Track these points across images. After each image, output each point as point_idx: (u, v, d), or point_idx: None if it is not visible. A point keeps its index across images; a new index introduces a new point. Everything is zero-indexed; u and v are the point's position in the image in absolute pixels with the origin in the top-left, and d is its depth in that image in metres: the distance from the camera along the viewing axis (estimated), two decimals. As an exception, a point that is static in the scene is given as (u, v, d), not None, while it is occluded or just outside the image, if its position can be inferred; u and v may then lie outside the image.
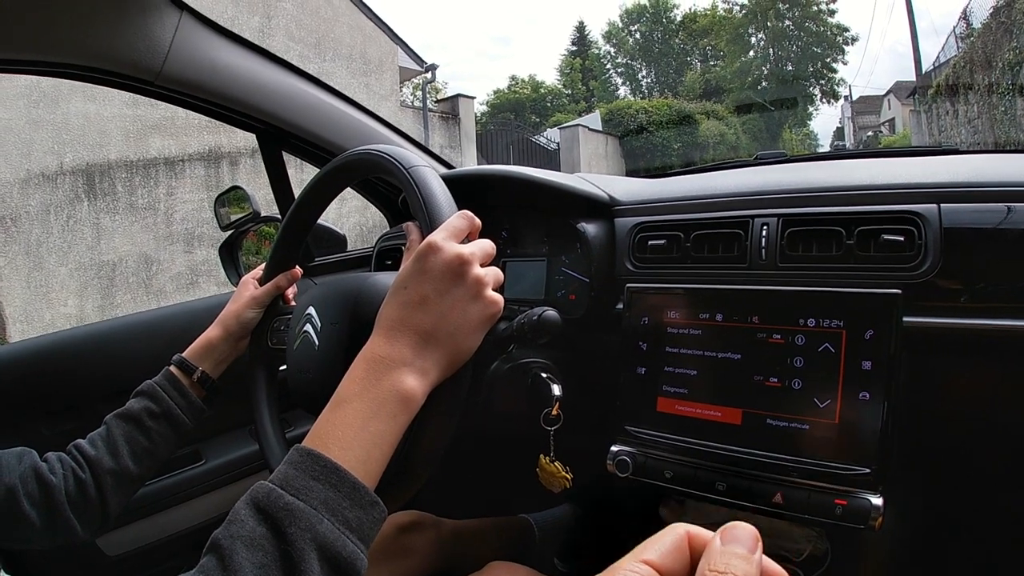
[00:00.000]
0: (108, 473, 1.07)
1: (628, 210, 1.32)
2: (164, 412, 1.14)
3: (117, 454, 1.09)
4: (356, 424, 0.70)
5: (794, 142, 35.39)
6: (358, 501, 0.66)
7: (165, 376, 1.18)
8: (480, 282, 0.79)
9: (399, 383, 0.73)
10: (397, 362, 0.74)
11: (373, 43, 12.66)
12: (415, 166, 0.90)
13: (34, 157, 8.55)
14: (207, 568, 0.60)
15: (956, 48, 14.52)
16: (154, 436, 1.13)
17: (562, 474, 1.13)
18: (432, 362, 0.76)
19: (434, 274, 0.77)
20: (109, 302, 9.10)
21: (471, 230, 0.84)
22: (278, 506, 0.62)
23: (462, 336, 0.78)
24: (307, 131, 1.65)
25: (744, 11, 36.62)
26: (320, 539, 0.61)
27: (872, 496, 0.93)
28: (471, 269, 0.78)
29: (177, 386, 1.17)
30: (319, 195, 1.15)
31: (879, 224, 1.04)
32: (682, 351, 1.12)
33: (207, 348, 1.22)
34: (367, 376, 0.74)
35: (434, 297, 0.77)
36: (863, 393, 0.96)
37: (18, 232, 8.44)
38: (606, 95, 39.47)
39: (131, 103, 8.37)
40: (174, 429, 1.16)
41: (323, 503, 0.64)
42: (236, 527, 0.61)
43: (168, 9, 1.36)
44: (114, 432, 1.11)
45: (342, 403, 0.72)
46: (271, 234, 1.83)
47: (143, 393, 1.16)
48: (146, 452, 1.12)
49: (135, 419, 1.13)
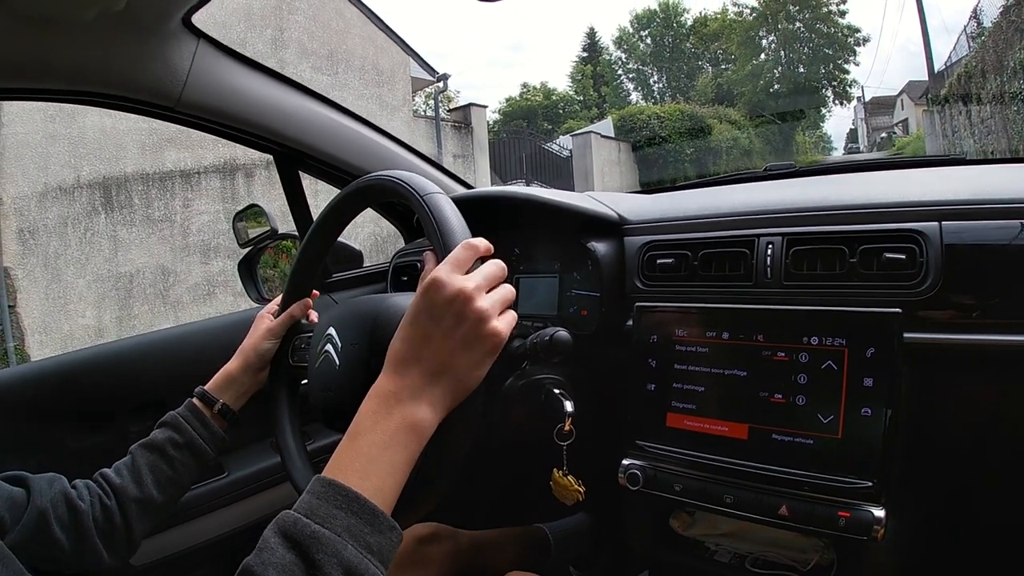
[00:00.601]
0: (133, 501, 1.11)
1: (637, 229, 1.35)
2: (187, 442, 1.17)
3: (141, 482, 1.12)
4: (371, 454, 0.74)
5: (807, 145, 35.12)
6: (378, 527, 0.70)
7: (188, 407, 1.21)
8: (481, 317, 0.81)
9: (410, 415, 0.77)
10: (406, 396, 0.78)
11: (385, 54, 12.69)
12: (429, 193, 0.93)
13: (51, 170, 8.62)
14: None
15: (968, 47, 14.38)
16: (177, 465, 1.16)
17: (575, 487, 1.17)
18: (439, 394, 0.79)
19: (436, 311, 0.80)
20: (127, 313, 9.17)
21: (478, 255, 0.86)
22: (305, 534, 0.65)
23: (467, 369, 0.81)
24: (323, 152, 1.69)
25: (754, 14, 36.42)
26: (346, 564, 0.65)
27: (874, 508, 0.96)
28: (473, 304, 0.81)
29: (199, 417, 1.20)
30: (337, 218, 1.18)
31: (881, 242, 1.07)
32: (690, 368, 1.16)
33: (228, 380, 1.25)
34: (378, 410, 0.77)
35: (438, 336, 0.80)
36: (865, 409, 0.98)
37: (36, 244, 8.52)
38: (618, 101, 39.31)
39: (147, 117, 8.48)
40: (196, 459, 1.19)
41: (346, 530, 0.67)
42: (267, 555, 0.65)
43: (186, 37, 1.40)
44: (139, 461, 1.14)
45: (357, 435, 0.76)
46: (288, 248, 1.87)
47: (167, 424, 1.19)
48: (170, 481, 1.15)
49: (159, 449, 1.16)
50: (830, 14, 34.98)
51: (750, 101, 33.16)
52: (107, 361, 1.56)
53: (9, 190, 8.25)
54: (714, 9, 39.88)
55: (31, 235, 8.48)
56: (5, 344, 8.11)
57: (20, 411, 1.41)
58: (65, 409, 1.44)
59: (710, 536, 1.23)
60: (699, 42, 39.76)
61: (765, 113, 28.94)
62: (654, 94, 41.28)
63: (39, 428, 1.39)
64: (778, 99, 33.96)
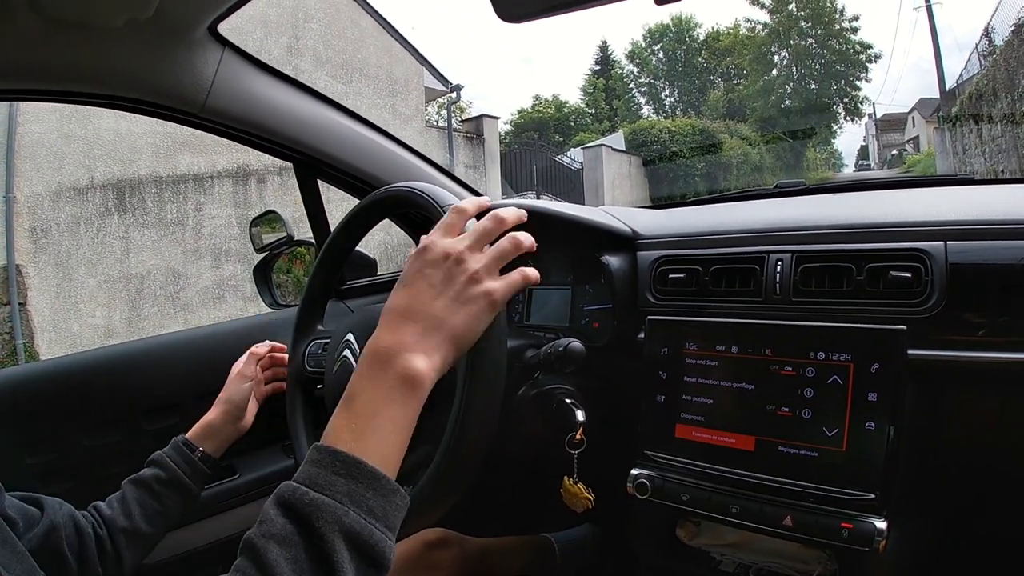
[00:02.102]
0: (121, 531, 1.15)
1: (650, 244, 1.38)
2: (171, 479, 1.22)
3: (130, 515, 1.16)
4: (367, 413, 0.72)
5: (818, 161, 35.05)
6: (380, 490, 0.68)
7: (173, 447, 1.26)
8: (472, 277, 0.80)
9: (405, 366, 0.74)
10: (401, 348, 0.75)
11: (399, 64, 12.74)
12: (448, 204, 0.96)
13: (65, 171, 8.68)
14: (242, 568, 0.62)
15: (979, 65, 14.36)
16: (164, 500, 1.21)
17: (585, 495, 1.19)
18: (435, 344, 0.77)
19: (428, 272, 0.80)
20: (136, 314, 9.21)
21: (467, 217, 0.87)
22: (304, 503, 0.64)
23: (463, 321, 0.79)
24: (342, 161, 1.71)
25: (767, 30, 36.48)
26: (347, 530, 0.64)
27: (877, 520, 0.98)
28: (462, 264, 0.81)
29: (184, 457, 1.25)
30: (360, 222, 1.22)
31: (888, 261, 1.09)
32: (699, 380, 1.18)
33: (208, 431, 1.30)
34: (372, 367, 0.75)
35: (430, 287, 0.79)
36: (869, 423, 1.01)
37: (48, 243, 8.57)
38: (629, 115, 39.32)
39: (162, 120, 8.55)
40: (182, 494, 1.23)
41: (347, 495, 0.65)
42: (267, 526, 0.64)
43: (212, 45, 1.43)
44: (128, 496, 1.19)
45: (353, 397, 0.74)
46: (302, 255, 1.90)
47: (153, 462, 1.24)
48: (158, 514, 1.20)
49: (146, 484, 1.21)
50: (842, 31, 35.03)
51: (761, 116, 33.11)
52: (121, 362, 1.58)
53: (23, 188, 8.30)
54: (726, 24, 39.85)
55: (44, 234, 8.54)
56: (14, 341, 8.16)
57: (37, 408, 1.43)
58: (81, 407, 1.46)
59: (715, 546, 1.25)
60: (711, 57, 39.82)
61: (775, 131, 28.86)
62: (666, 108, 41.34)
63: (56, 425, 1.42)
64: (789, 115, 33.94)
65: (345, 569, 0.63)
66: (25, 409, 1.42)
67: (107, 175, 9.03)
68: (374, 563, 0.65)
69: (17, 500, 1.02)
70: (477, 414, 0.84)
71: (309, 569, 0.62)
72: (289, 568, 0.61)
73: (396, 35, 12.82)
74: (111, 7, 1.17)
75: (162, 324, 9.24)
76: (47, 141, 8.49)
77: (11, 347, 8.16)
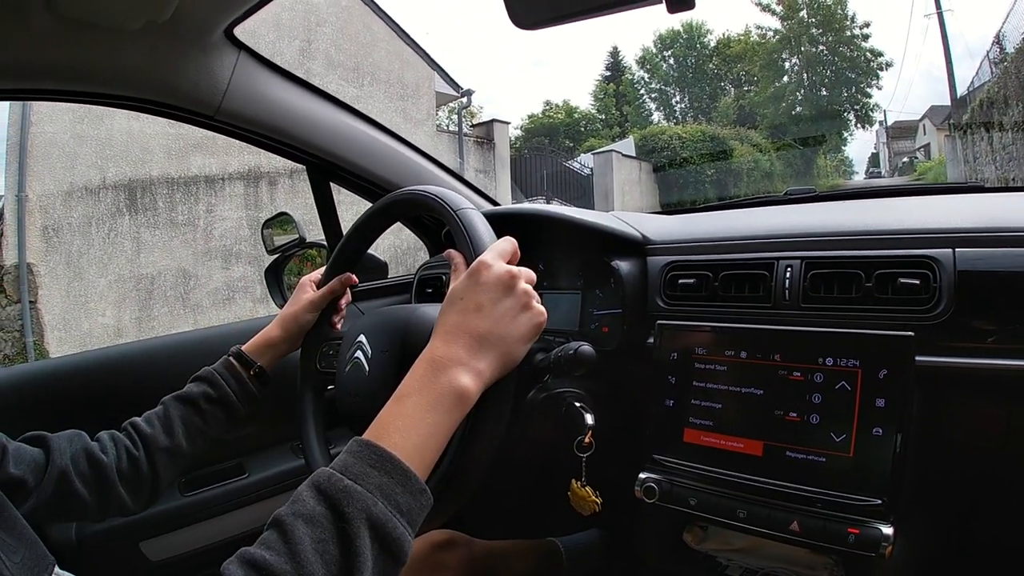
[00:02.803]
0: (162, 450, 1.15)
1: (660, 249, 1.39)
2: (220, 398, 1.22)
3: (172, 433, 1.16)
4: (416, 415, 0.77)
5: (829, 169, 34.94)
6: (409, 488, 0.72)
7: (224, 364, 1.25)
8: (528, 294, 0.88)
9: (455, 380, 0.80)
10: (454, 362, 0.81)
11: (410, 68, 12.75)
12: (462, 209, 0.98)
13: (78, 170, 8.71)
14: (269, 541, 0.66)
15: (990, 73, 14.32)
16: (208, 419, 1.20)
17: (592, 498, 1.20)
18: (485, 364, 0.83)
19: (488, 286, 0.86)
20: (146, 314, 9.24)
21: (514, 254, 0.93)
22: (337, 488, 0.68)
23: (512, 341, 0.86)
24: (355, 165, 1.73)
25: (778, 36, 36.31)
26: (373, 519, 0.67)
27: (883, 526, 0.98)
28: (520, 283, 0.87)
29: (235, 374, 1.24)
30: (373, 224, 1.23)
31: (896, 267, 1.10)
32: (708, 385, 1.19)
33: (267, 345, 1.29)
34: (426, 374, 0.81)
35: (488, 305, 0.85)
36: (876, 429, 1.01)
37: (60, 242, 8.60)
38: (640, 120, 39.22)
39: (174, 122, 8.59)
40: (228, 414, 1.23)
41: (378, 487, 0.70)
42: (298, 506, 0.68)
43: (228, 49, 1.45)
44: (171, 413, 1.18)
45: (404, 397, 0.79)
46: (314, 257, 1.91)
47: (201, 379, 1.23)
48: (199, 432, 1.20)
49: (192, 402, 1.20)
50: (853, 38, 34.87)
51: (772, 123, 33.02)
52: (132, 360, 1.60)
53: (36, 187, 8.34)
54: (737, 31, 39.66)
55: (55, 233, 8.57)
56: (25, 339, 8.19)
57: (45, 405, 1.46)
58: (89, 405, 1.48)
59: (722, 551, 1.25)
60: (722, 63, 39.71)
61: (786, 138, 28.78)
62: (676, 114, 41.20)
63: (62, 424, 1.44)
64: (800, 122, 33.83)
65: (365, 555, 0.66)
66: (30, 406, 1.44)
67: (119, 175, 9.06)
68: (393, 555, 0.69)
69: (25, 449, 1.03)
70: (486, 423, 0.87)
71: (332, 550, 0.65)
72: (313, 547, 0.65)
73: (408, 39, 12.83)
74: (129, 9, 1.19)
75: (172, 324, 9.27)
76: (60, 141, 8.52)
77: (21, 344, 8.19)
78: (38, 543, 0.84)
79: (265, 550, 0.65)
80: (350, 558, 0.65)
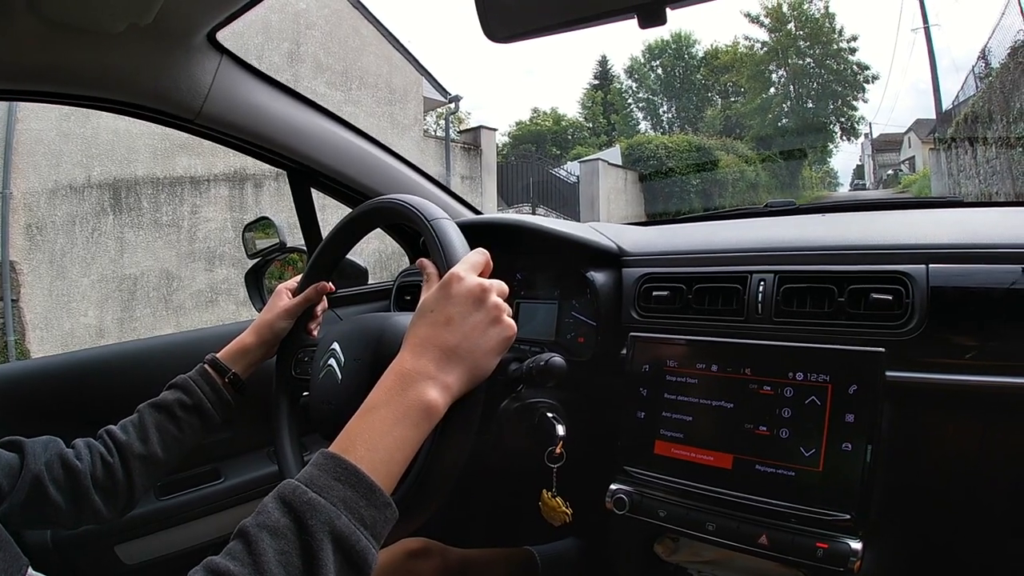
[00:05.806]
0: (137, 458, 1.14)
1: (635, 261, 1.40)
2: (195, 405, 1.21)
3: (147, 440, 1.15)
4: (383, 429, 0.77)
5: (814, 180, 35.14)
6: (374, 502, 0.72)
7: (199, 372, 1.25)
8: (499, 307, 0.88)
9: (423, 394, 0.80)
10: (422, 375, 0.81)
11: (399, 73, 12.73)
12: (436, 219, 0.98)
13: (63, 169, 8.64)
14: (234, 551, 0.66)
15: (976, 87, 14.41)
16: (183, 426, 1.20)
17: (563, 509, 1.20)
18: (453, 377, 0.83)
19: (459, 299, 0.86)
20: (129, 315, 9.17)
21: (486, 266, 0.93)
22: (302, 500, 0.68)
23: (481, 355, 0.86)
24: (335, 171, 1.72)
25: (765, 48, 36.49)
26: (337, 533, 0.68)
27: (852, 541, 0.99)
28: (490, 296, 0.87)
29: (210, 382, 1.24)
30: (349, 232, 1.23)
31: (869, 283, 1.11)
32: (679, 398, 1.20)
33: (241, 352, 1.29)
34: (394, 387, 0.81)
35: (458, 319, 0.85)
36: (846, 444, 1.02)
37: (43, 240, 8.52)
38: (627, 129, 39.19)
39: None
40: (203, 421, 1.22)
41: (342, 501, 0.70)
42: (263, 517, 0.68)
43: (210, 53, 1.44)
44: (146, 420, 1.18)
45: (371, 410, 0.79)
46: (295, 261, 1.91)
47: (176, 386, 1.23)
48: (175, 440, 1.19)
49: (167, 409, 1.19)
50: (840, 51, 35.10)
51: (758, 134, 33.17)
52: (113, 362, 1.59)
53: (20, 185, 8.26)
54: (725, 42, 39.79)
55: (39, 231, 8.49)
56: (6, 338, 8.12)
57: (25, 406, 1.44)
58: (70, 407, 1.47)
59: (693, 563, 1.25)
60: (709, 74, 39.85)
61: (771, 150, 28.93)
62: (663, 124, 41.29)
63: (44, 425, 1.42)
64: (786, 134, 33.99)
65: (328, 568, 0.66)
66: (14, 408, 1.42)
67: (104, 174, 8.99)
68: (356, 567, 0.69)
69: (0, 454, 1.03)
70: (453, 435, 0.87)
71: (295, 562, 0.66)
72: (276, 558, 0.65)
73: (396, 44, 12.80)
74: (112, 12, 1.18)
75: (154, 326, 9.20)
76: (45, 138, 8.45)
77: (2, 343, 8.12)
78: (11, 544, 0.84)
79: (230, 560, 0.65)
80: (313, 570, 0.65)
